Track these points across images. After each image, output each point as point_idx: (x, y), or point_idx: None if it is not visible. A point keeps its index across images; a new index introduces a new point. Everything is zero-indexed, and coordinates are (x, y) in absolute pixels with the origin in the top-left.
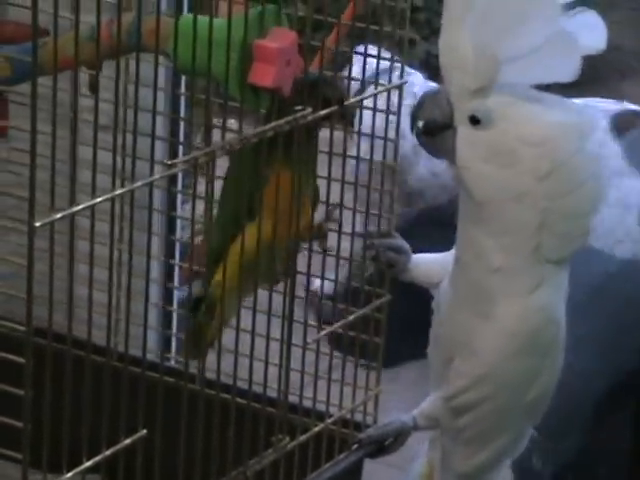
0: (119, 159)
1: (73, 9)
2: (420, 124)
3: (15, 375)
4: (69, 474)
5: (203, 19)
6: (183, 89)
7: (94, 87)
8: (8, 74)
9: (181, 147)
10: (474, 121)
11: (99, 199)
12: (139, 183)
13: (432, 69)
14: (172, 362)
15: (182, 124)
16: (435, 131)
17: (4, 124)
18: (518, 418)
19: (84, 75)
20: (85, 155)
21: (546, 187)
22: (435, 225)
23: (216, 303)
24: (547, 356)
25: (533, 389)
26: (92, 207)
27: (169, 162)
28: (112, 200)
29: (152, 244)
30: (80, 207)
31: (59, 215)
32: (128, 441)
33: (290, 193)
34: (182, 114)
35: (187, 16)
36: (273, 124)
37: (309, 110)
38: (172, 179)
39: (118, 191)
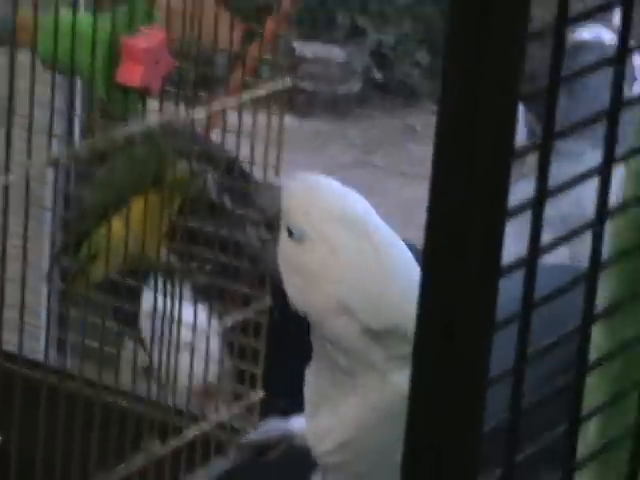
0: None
1: None
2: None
3: None
4: None
5: (68, 14)
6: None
7: None
8: None
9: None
10: (289, 233)
11: None
12: None
13: (382, 59)
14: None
15: (77, 120)
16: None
17: None
18: (392, 474)
19: None
20: None
21: (350, 313)
22: None
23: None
24: None
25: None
26: None
27: (27, 162)
28: None
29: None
30: None
31: None
32: None
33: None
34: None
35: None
36: (138, 126)
37: (182, 111)
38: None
39: None
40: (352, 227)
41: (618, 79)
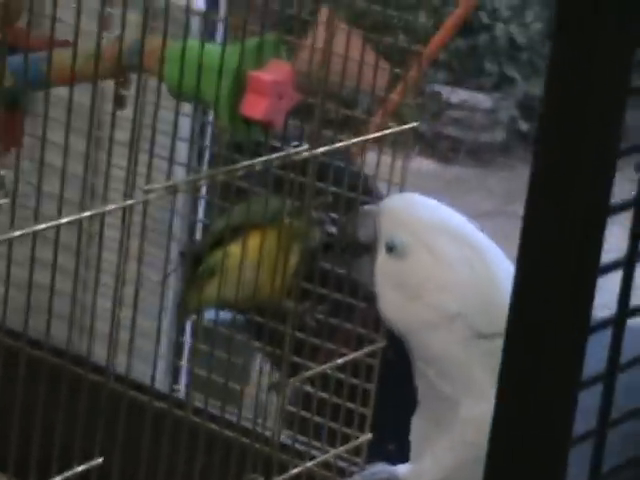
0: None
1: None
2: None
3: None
4: None
5: (197, 44)
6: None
7: (119, 102)
8: (12, 84)
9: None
10: (389, 249)
11: (64, 219)
12: (112, 206)
13: (529, 110)
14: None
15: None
16: (358, 251)
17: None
18: None
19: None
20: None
21: (459, 320)
22: None
23: (215, 270)
24: None
25: None
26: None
27: (146, 188)
28: (80, 222)
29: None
30: (43, 226)
31: (17, 233)
32: (81, 468)
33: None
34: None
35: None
36: (263, 158)
37: (305, 147)
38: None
39: (87, 213)
40: (454, 236)
41: None
